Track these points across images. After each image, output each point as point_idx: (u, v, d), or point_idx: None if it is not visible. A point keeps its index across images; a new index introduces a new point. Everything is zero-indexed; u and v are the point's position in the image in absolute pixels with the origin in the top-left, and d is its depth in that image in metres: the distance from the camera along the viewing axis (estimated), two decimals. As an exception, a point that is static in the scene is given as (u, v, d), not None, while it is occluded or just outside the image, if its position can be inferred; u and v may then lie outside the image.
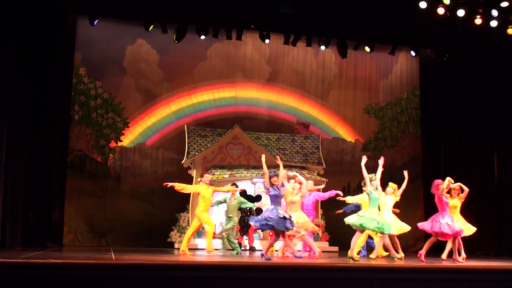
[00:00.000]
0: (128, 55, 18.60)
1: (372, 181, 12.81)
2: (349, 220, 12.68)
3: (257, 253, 14.84)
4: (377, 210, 12.82)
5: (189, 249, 13.87)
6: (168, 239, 17.35)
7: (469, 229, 13.92)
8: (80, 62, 17.98)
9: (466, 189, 13.81)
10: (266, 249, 12.45)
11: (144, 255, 12.33)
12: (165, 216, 17.24)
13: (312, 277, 9.91)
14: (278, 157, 13.00)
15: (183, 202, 16.94)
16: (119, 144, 18.24)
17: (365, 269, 10.48)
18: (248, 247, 16.50)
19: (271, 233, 14.66)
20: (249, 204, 15.05)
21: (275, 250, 14.33)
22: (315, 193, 14.72)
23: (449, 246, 13.40)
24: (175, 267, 9.83)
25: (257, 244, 16.70)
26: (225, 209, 15.33)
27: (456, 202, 13.80)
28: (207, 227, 14.17)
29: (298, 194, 13.34)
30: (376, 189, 12.83)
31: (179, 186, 13.88)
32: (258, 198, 16.87)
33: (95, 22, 17.25)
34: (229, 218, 14.99)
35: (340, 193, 14.63)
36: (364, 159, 12.80)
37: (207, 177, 14.44)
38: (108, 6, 16.58)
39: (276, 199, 12.26)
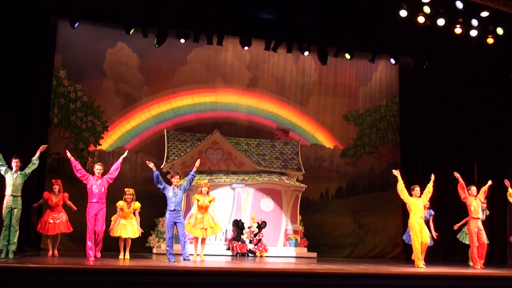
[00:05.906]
0: (108, 58, 18.52)
1: None
2: None
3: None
4: None
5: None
6: (146, 244, 17.27)
7: None
8: (60, 65, 17.87)
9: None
10: None
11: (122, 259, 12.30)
12: (143, 221, 17.08)
13: (290, 283, 9.95)
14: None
15: (162, 207, 16.73)
16: (98, 147, 18.14)
17: (343, 276, 10.53)
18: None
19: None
20: None
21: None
22: None
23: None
24: (153, 272, 9.82)
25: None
26: None
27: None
28: None
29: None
30: None
31: None
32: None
33: (76, 24, 17.17)
34: None
35: None
36: None
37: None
38: (89, 9, 16.52)
39: None
